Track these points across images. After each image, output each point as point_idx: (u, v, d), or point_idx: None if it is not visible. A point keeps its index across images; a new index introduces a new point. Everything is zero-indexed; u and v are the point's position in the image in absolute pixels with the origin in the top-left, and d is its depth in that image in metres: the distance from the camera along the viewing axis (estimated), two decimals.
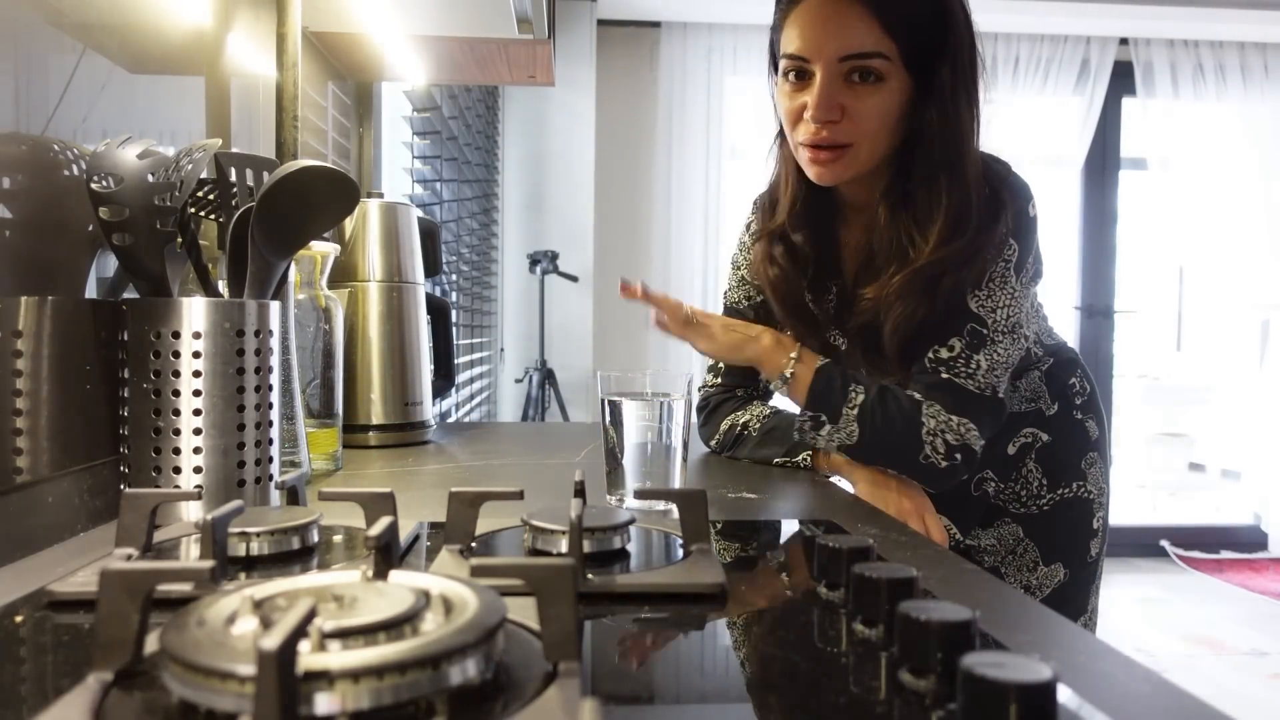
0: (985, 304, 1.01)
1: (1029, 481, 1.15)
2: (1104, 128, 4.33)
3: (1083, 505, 1.17)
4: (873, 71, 0.98)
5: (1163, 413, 5.29)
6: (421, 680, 0.33)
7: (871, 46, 0.97)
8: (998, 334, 1.01)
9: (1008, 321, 1.01)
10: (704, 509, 0.61)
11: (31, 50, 0.72)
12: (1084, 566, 1.17)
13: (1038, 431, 1.15)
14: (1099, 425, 1.20)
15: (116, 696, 0.36)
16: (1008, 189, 1.02)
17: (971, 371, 1.00)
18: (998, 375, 1.01)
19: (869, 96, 0.98)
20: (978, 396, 1.01)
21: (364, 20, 1.36)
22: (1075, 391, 1.18)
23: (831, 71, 0.98)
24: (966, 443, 1.00)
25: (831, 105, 0.98)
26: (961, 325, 1.01)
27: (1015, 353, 1.03)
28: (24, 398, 0.67)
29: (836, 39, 0.97)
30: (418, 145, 2.20)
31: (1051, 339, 1.21)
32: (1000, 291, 1.01)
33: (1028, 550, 1.15)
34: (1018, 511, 1.15)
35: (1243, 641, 3.38)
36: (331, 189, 0.77)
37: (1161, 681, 0.42)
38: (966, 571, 0.63)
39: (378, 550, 0.43)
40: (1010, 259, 1.01)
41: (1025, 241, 1.02)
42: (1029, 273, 1.03)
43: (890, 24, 0.96)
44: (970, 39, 1.02)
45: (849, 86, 0.99)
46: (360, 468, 1.10)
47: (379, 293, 1.29)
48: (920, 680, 0.39)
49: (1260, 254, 4.35)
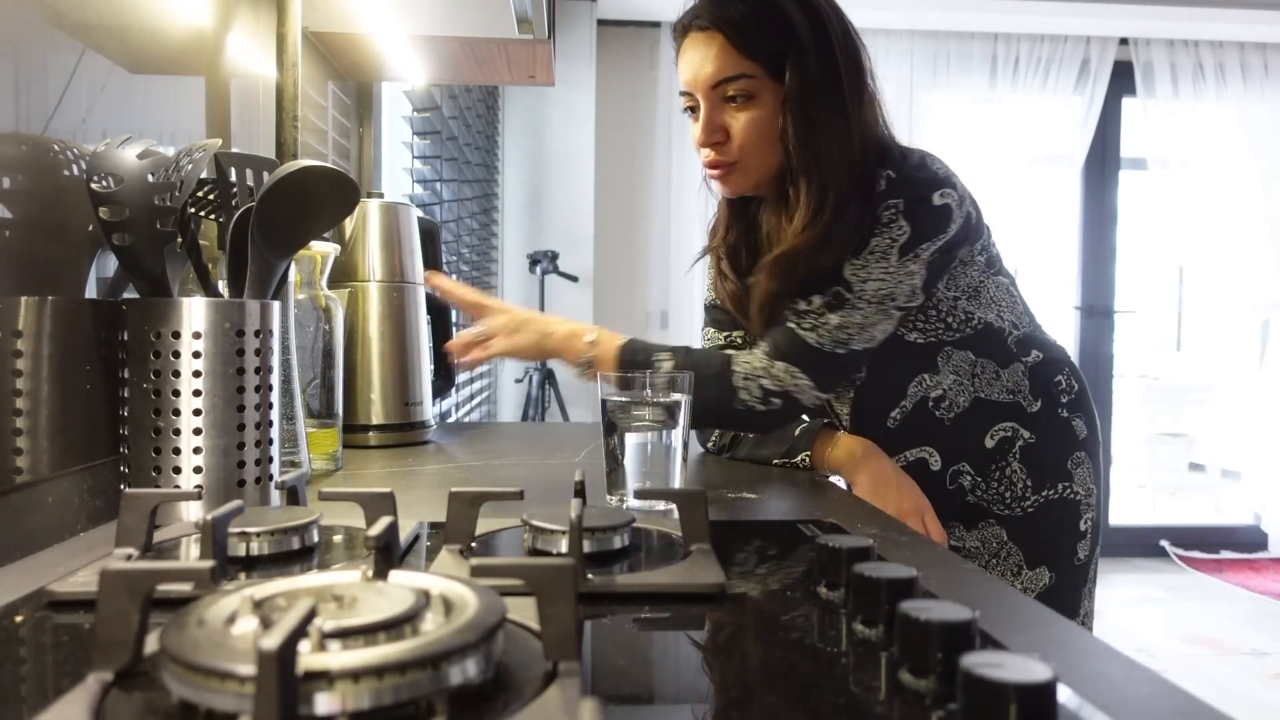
0: (859, 273, 1.05)
1: (1013, 482, 1.14)
2: (1104, 127, 4.33)
3: (1069, 507, 1.15)
4: (743, 92, 1.08)
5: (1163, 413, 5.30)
6: (421, 680, 0.33)
7: (734, 70, 1.07)
8: (861, 301, 1.05)
9: (876, 294, 1.05)
10: (704, 509, 0.61)
11: (31, 50, 0.72)
12: (1071, 570, 1.15)
13: (1019, 428, 1.14)
14: (1088, 425, 1.19)
15: (116, 696, 0.36)
16: (903, 179, 1.06)
17: (817, 324, 1.06)
18: (849, 334, 1.06)
19: (743, 114, 1.08)
20: (815, 349, 1.06)
21: (364, 20, 1.36)
22: (1061, 389, 1.17)
23: (710, 99, 1.09)
24: (787, 390, 1.05)
25: (714, 129, 1.09)
26: (828, 287, 1.06)
27: (880, 324, 1.07)
28: (24, 398, 0.67)
29: (706, 69, 1.08)
30: (418, 145, 2.20)
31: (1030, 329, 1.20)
32: (876, 265, 1.05)
33: (1011, 554, 1.14)
34: (1001, 513, 1.14)
35: (1243, 641, 3.38)
36: (331, 189, 0.77)
37: (1161, 681, 0.42)
38: (966, 571, 0.63)
39: (378, 550, 0.43)
40: (898, 238, 1.04)
41: (922, 226, 1.05)
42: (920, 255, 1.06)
43: (744, 46, 1.06)
44: (824, 44, 1.07)
45: (727, 109, 1.09)
46: (360, 468, 1.10)
47: (379, 293, 1.29)
48: (920, 680, 0.39)
49: (1260, 254, 4.35)
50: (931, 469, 1.14)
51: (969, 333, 1.14)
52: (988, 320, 1.14)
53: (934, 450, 1.15)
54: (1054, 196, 4.31)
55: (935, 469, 1.14)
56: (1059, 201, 4.34)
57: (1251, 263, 4.36)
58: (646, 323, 4.29)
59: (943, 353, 1.13)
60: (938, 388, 1.14)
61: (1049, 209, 4.29)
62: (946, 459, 1.14)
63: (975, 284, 1.14)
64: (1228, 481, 4.97)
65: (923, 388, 1.14)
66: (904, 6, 3.92)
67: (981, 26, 4.21)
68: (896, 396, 1.14)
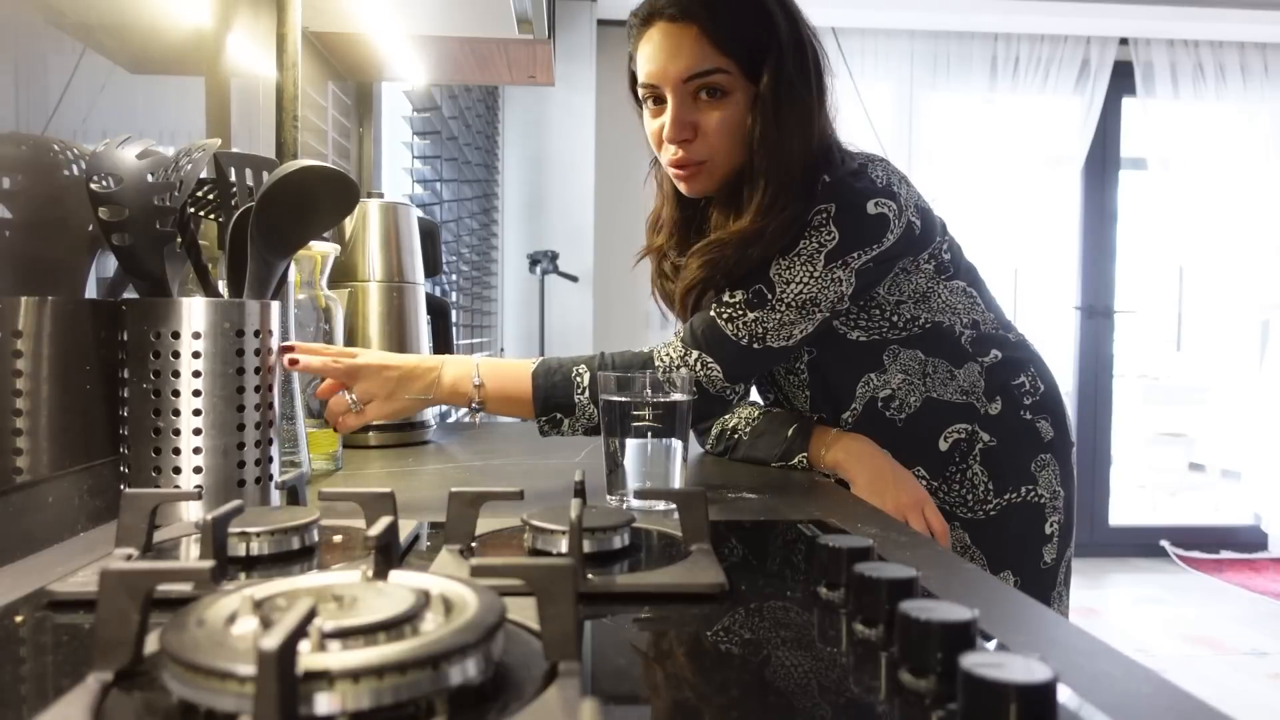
0: (783, 274, 1.04)
1: (974, 485, 1.12)
2: (1104, 128, 4.33)
3: (1032, 510, 1.13)
4: (717, 87, 1.05)
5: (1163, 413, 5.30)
6: (421, 680, 0.33)
7: (710, 64, 1.03)
8: (780, 304, 1.04)
9: (798, 297, 1.04)
10: (704, 509, 0.61)
11: (31, 50, 0.72)
12: (1038, 573, 1.14)
13: (976, 430, 1.12)
14: (1055, 427, 1.17)
15: (116, 696, 0.36)
16: (838, 184, 1.04)
17: (735, 317, 1.04)
18: (765, 330, 1.04)
19: (715, 111, 1.05)
20: (730, 340, 1.04)
21: (364, 20, 1.36)
22: (1024, 391, 1.15)
23: (679, 93, 1.05)
24: (700, 378, 1.04)
25: (684, 125, 1.06)
26: (752, 284, 1.05)
27: (799, 324, 1.05)
28: (24, 398, 0.67)
29: (678, 62, 1.04)
30: (418, 145, 2.20)
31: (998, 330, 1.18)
32: (801, 269, 1.03)
33: (974, 558, 1.12)
34: (965, 516, 1.13)
35: (1243, 641, 3.38)
36: (331, 189, 0.77)
37: (1161, 681, 0.42)
38: (966, 571, 0.63)
39: (378, 550, 0.43)
40: (826, 243, 1.03)
41: (852, 235, 1.03)
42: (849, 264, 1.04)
43: (722, 41, 1.03)
44: (798, 47, 1.06)
45: (698, 105, 1.06)
46: (360, 468, 1.10)
47: (379, 293, 1.29)
48: (920, 680, 0.39)
49: (1260, 254, 4.35)
50: None
51: (916, 331, 1.12)
52: (936, 320, 1.12)
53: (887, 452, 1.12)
54: (1054, 196, 4.31)
55: None
56: (1059, 201, 4.34)
57: (1251, 263, 4.37)
58: (646, 323, 4.29)
59: (888, 351, 1.12)
60: (885, 387, 1.12)
61: (1049, 209, 4.29)
62: (900, 461, 1.12)
63: (922, 290, 1.12)
64: (1228, 481, 4.96)
65: (870, 388, 1.12)
66: (904, 6, 3.92)
67: (981, 26, 4.21)
68: (846, 398, 1.13)
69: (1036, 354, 1.21)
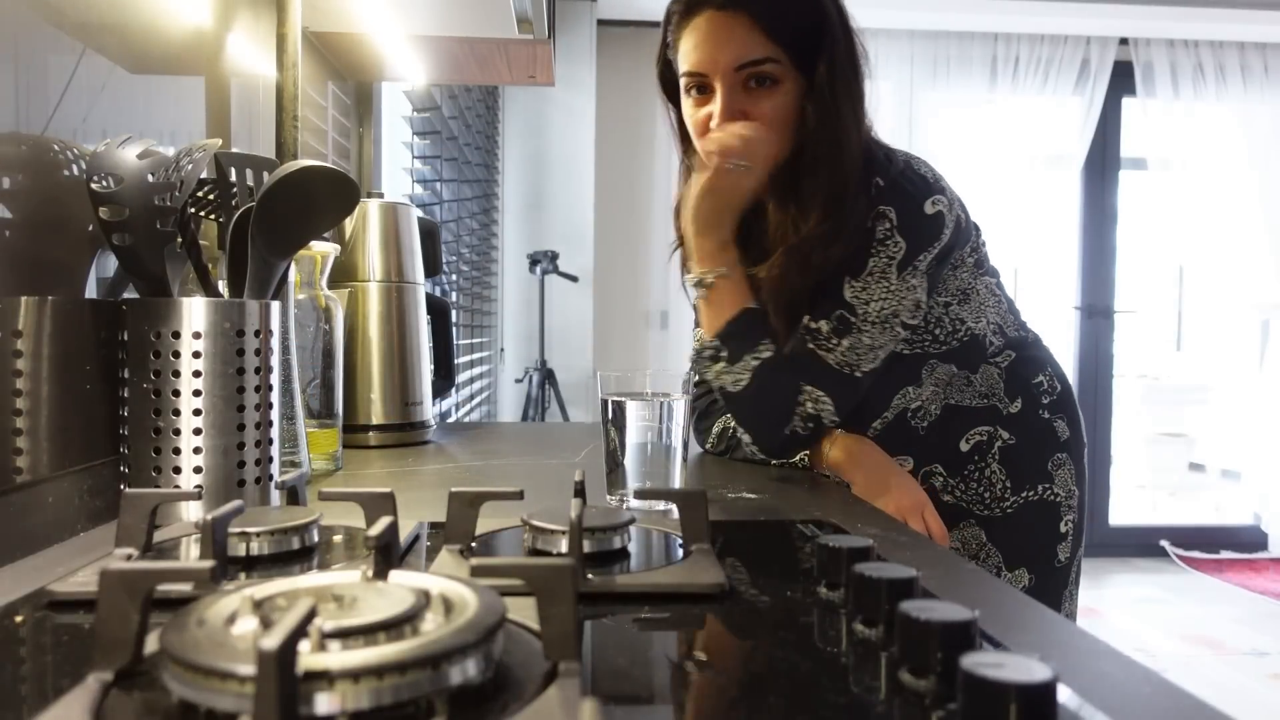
0: (860, 295, 1.04)
1: (992, 483, 1.13)
2: (1104, 128, 4.33)
3: (1049, 508, 1.14)
4: (768, 76, 1.04)
5: (1163, 413, 5.30)
6: (421, 680, 0.33)
7: (761, 53, 1.03)
8: (866, 324, 1.04)
9: (880, 314, 1.04)
10: (704, 509, 0.61)
11: (31, 50, 0.72)
12: (1052, 572, 1.15)
13: (996, 429, 1.13)
14: (1071, 426, 1.18)
15: (116, 696, 0.36)
16: (893, 187, 1.05)
17: (832, 347, 1.04)
18: (859, 356, 1.04)
19: (766, 100, 1.05)
20: (835, 371, 1.04)
21: (364, 20, 1.36)
22: (1042, 390, 1.16)
23: (729, 81, 1.04)
24: (818, 414, 1.04)
25: (734, 114, 1.04)
26: (832, 310, 1.05)
27: (885, 341, 1.06)
28: (24, 398, 0.67)
29: (729, 51, 1.03)
30: (418, 145, 2.20)
31: (1018, 331, 1.19)
32: (876, 285, 1.04)
33: (990, 555, 1.13)
34: (981, 514, 1.14)
35: (1243, 641, 3.38)
36: (331, 189, 0.77)
37: (1161, 681, 0.42)
38: (966, 571, 0.63)
39: (378, 550, 0.43)
40: (895, 255, 1.03)
41: (917, 239, 1.04)
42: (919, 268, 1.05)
43: (774, 29, 1.03)
44: (847, 37, 1.07)
45: (748, 93, 1.05)
46: (360, 468, 1.10)
47: (379, 293, 1.29)
48: (920, 680, 0.39)
49: (1260, 254, 4.35)
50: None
51: (954, 345, 1.13)
52: (975, 332, 1.13)
53: (909, 457, 1.14)
54: (1054, 197, 4.31)
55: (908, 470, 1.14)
56: (1059, 202, 4.34)
57: (1251, 263, 4.37)
58: (646, 323, 4.29)
59: (927, 365, 1.13)
60: (917, 399, 1.14)
61: (1049, 209, 4.29)
62: (919, 462, 1.14)
63: (965, 286, 1.13)
64: (1228, 481, 4.96)
65: (905, 400, 1.14)
66: (904, 6, 3.92)
67: (981, 26, 4.21)
68: (880, 407, 1.14)
69: (1050, 352, 1.22)
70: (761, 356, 1.04)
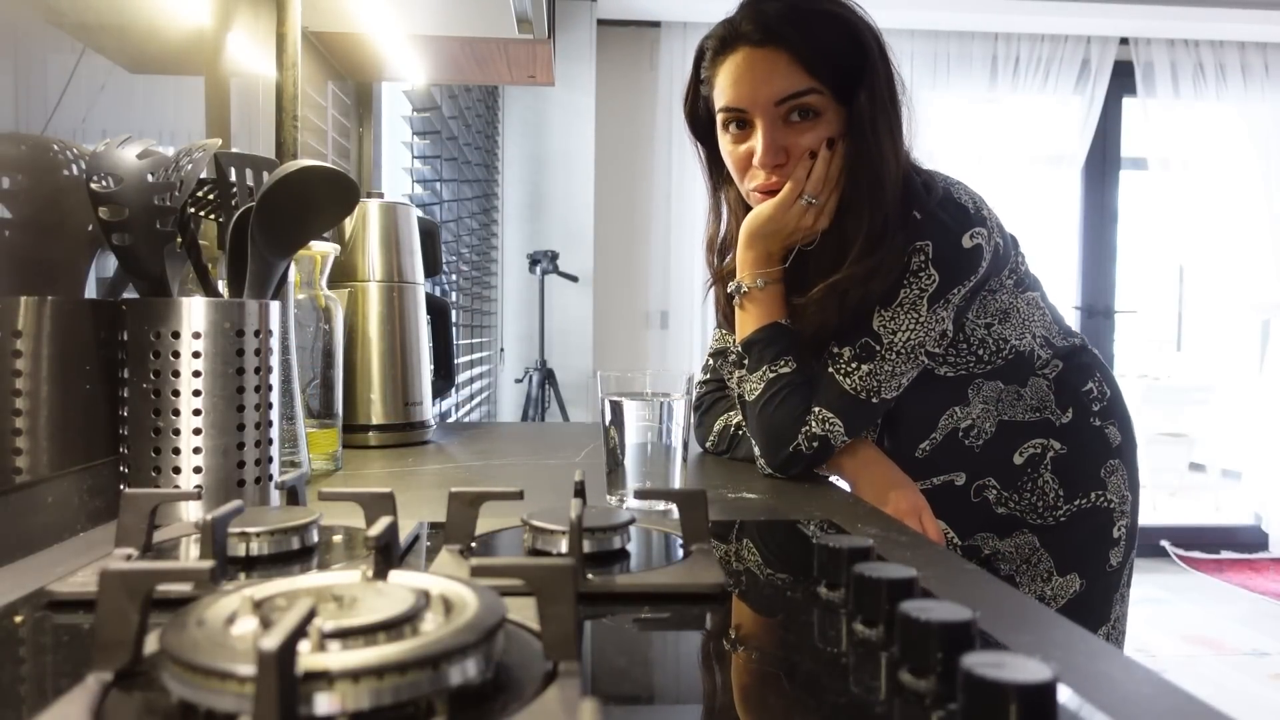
0: (888, 324, 1.03)
1: (1045, 493, 1.13)
2: (1104, 127, 4.33)
3: (1102, 515, 1.14)
4: (810, 108, 1.03)
5: (1163, 413, 5.29)
6: (421, 680, 0.33)
7: (803, 85, 1.02)
8: (890, 353, 1.03)
9: (906, 345, 1.03)
10: (704, 509, 0.61)
11: (31, 50, 0.72)
12: (1102, 576, 1.14)
13: (1049, 441, 1.13)
14: (1122, 431, 1.17)
15: (116, 696, 0.36)
16: (930, 220, 1.03)
17: (850, 372, 1.04)
18: (878, 382, 1.04)
19: (809, 133, 1.04)
20: (850, 395, 1.04)
21: (364, 20, 1.36)
22: (1093, 398, 1.16)
23: (770, 116, 1.03)
24: (826, 435, 1.03)
25: (776, 149, 1.04)
26: (858, 337, 1.04)
27: (907, 369, 1.05)
28: (24, 398, 0.67)
29: (769, 85, 1.02)
30: (418, 145, 2.20)
31: (1065, 340, 1.18)
32: (905, 316, 1.03)
33: (1042, 560, 1.13)
34: (1035, 522, 1.13)
35: (1243, 641, 3.38)
36: (331, 189, 0.77)
37: (1162, 682, 0.42)
38: (966, 571, 0.63)
39: (378, 550, 0.43)
40: (927, 287, 1.02)
41: (951, 273, 1.02)
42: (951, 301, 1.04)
43: (812, 62, 1.02)
44: (886, 68, 1.06)
45: (789, 127, 1.04)
46: (360, 468, 1.10)
47: (379, 293, 1.29)
48: (920, 680, 0.39)
49: (1260, 254, 4.35)
50: (956, 485, 1.15)
51: (999, 363, 1.12)
52: (1019, 349, 1.12)
53: (962, 472, 1.15)
54: (1054, 196, 4.31)
55: (960, 485, 1.15)
56: (1059, 201, 4.34)
57: (1251, 263, 4.37)
58: (646, 323, 4.29)
59: (973, 384, 1.13)
60: (967, 418, 1.13)
61: (1049, 209, 4.29)
62: (972, 477, 1.14)
63: (1005, 307, 1.12)
64: (1228, 481, 4.96)
65: (953, 420, 1.13)
66: (904, 6, 3.92)
67: (981, 26, 4.21)
68: (927, 429, 1.14)
69: (1097, 356, 1.22)
70: (778, 370, 1.05)
